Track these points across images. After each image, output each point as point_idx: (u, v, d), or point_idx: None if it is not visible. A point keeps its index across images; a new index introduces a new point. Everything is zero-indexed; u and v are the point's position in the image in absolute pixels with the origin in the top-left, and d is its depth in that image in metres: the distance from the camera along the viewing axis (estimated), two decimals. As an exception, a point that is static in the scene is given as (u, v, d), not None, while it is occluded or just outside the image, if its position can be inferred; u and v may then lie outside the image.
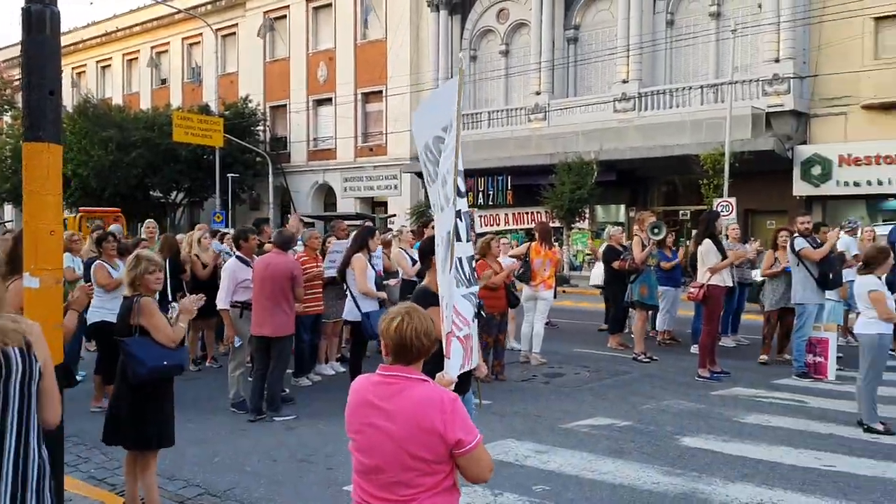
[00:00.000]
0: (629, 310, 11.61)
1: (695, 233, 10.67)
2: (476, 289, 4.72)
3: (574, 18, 27.67)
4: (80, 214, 27.00)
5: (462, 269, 4.43)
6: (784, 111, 22.23)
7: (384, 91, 32.70)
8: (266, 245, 9.44)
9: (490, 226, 28.02)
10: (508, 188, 27.74)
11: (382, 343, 2.74)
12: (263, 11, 36.61)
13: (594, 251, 14.93)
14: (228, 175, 32.07)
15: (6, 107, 40.60)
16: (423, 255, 5.14)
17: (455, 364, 3.75)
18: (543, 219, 22.98)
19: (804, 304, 9.45)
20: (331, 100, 34.84)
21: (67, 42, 43.87)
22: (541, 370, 10.04)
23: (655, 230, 11.18)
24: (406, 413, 2.61)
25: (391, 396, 2.65)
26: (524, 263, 10.50)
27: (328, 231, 11.13)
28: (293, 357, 9.01)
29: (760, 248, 12.15)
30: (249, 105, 35.71)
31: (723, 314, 10.60)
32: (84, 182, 32.94)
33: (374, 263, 9.03)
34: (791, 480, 5.65)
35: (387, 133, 32.60)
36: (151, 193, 35.39)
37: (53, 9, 3.64)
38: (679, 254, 12.05)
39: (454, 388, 3.23)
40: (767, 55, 22.63)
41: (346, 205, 33.60)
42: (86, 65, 46.86)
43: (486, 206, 28.43)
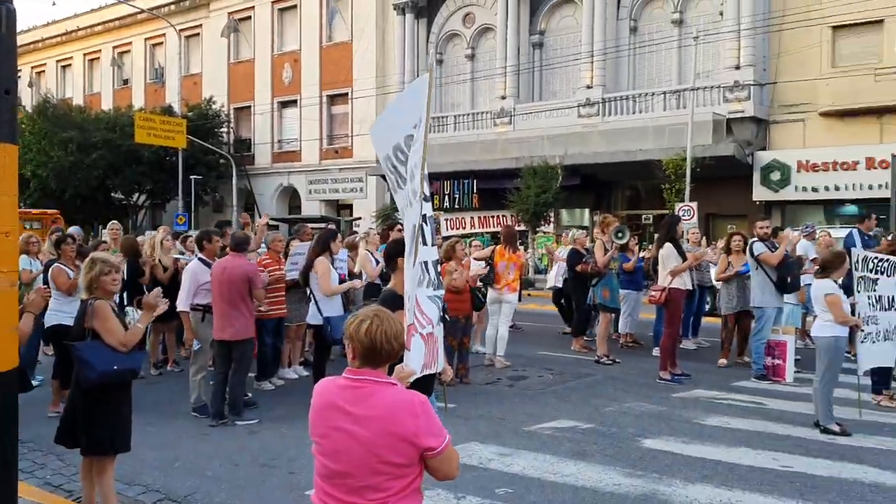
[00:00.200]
0: (592, 313, 11.71)
1: (656, 237, 10.78)
2: (441, 292, 4.73)
3: (539, 24, 27.86)
4: None
5: (428, 273, 4.44)
6: (744, 117, 22.61)
7: (350, 93, 32.63)
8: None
9: (456, 229, 28.08)
10: (474, 192, 27.82)
11: (350, 346, 2.69)
12: (228, 12, 36.31)
13: (551, 253, 15.01)
14: (191, 177, 31.76)
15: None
16: (388, 258, 5.14)
17: (415, 357, 3.73)
18: (509, 222, 23.09)
19: (763, 308, 9.61)
20: (296, 102, 34.67)
21: (26, 41, 43.15)
22: (505, 373, 10.07)
23: (619, 234, 11.28)
24: (377, 417, 2.59)
25: (360, 400, 2.62)
26: (488, 266, 10.55)
27: (292, 234, 11.06)
28: (256, 361, 8.95)
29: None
30: (213, 106, 35.38)
31: (683, 317, 10.73)
32: (43, 183, 32.38)
33: (338, 266, 8.99)
34: (749, 481, 5.74)
35: (352, 135, 32.52)
36: (113, 195, 34.90)
37: (9, 6, 3.57)
38: (638, 254, 12.13)
39: (419, 390, 3.22)
40: (728, 62, 23.00)
41: (311, 207, 33.42)
42: (45, 64, 46.07)
43: (452, 210, 28.47)
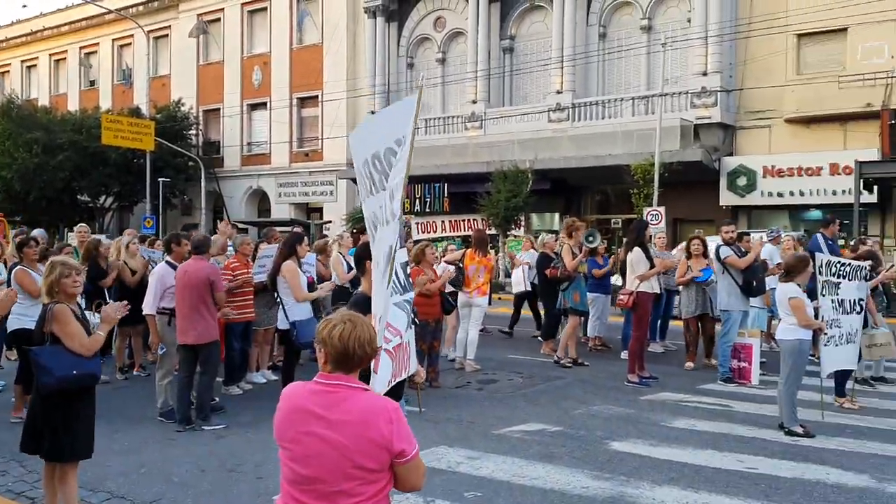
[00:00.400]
0: (562, 317, 11.74)
1: (625, 241, 10.86)
2: (410, 295, 4.72)
3: (510, 29, 27.98)
4: None
5: (397, 276, 4.44)
6: (711, 123, 22.89)
7: (320, 96, 32.49)
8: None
9: (427, 233, 28.06)
10: (445, 195, 27.82)
11: (322, 351, 2.67)
12: (197, 14, 36.01)
13: (512, 257, 15.03)
14: (159, 179, 31.39)
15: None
16: (359, 261, 5.13)
17: (382, 379, 3.73)
18: (480, 226, 23.17)
19: (729, 311, 9.72)
20: (265, 104, 34.47)
21: (-10, 40, 42.47)
22: (475, 377, 10.09)
23: (590, 238, 11.37)
24: (351, 422, 2.57)
25: (333, 405, 2.60)
26: (458, 269, 10.57)
27: (261, 238, 10.99)
28: (224, 365, 8.88)
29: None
30: (182, 108, 35.02)
31: (651, 320, 10.82)
32: (7, 185, 31.85)
33: (305, 270, 8.95)
34: (715, 483, 5.80)
35: (322, 138, 32.38)
36: (79, 197, 34.42)
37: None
38: (609, 261, 12.24)
39: (389, 395, 3.22)
40: (696, 69, 23.28)
41: (281, 210, 33.24)
42: (10, 64, 45.34)
43: (423, 213, 28.46)
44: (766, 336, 10.96)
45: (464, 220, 27.76)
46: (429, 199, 28.22)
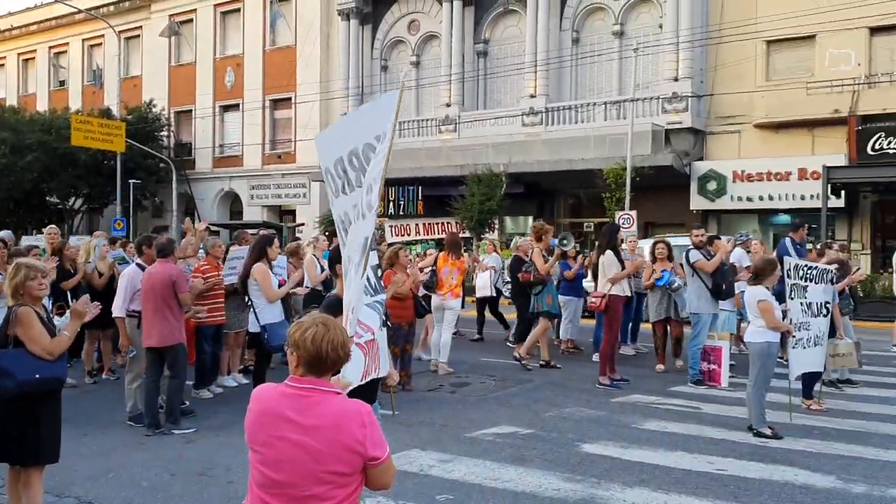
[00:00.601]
0: (534, 320, 11.77)
1: (597, 244, 10.92)
2: (382, 297, 4.74)
3: (483, 32, 28.06)
4: None
5: (368, 278, 4.45)
6: (682, 128, 23.13)
7: (293, 98, 32.34)
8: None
9: (400, 236, 28.03)
10: (419, 198, 27.83)
11: (294, 354, 2.65)
12: (169, 14, 35.68)
13: (477, 260, 15.01)
14: (130, 181, 31.06)
15: None
16: (332, 263, 5.13)
17: (352, 369, 3.73)
18: (453, 229, 23.18)
19: (699, 314, 9.81)
20: (238, 106, 34.21)
21: (-44, 39, 41.77)
22: (448, 380, 10.10)
23: (564, 241, 11.42)
24: (325, 427, 2.56)
25: (306, 410, 2.58)
26: (431, 272, 10.57)
27: (232, 240, 10.92)
28: (194, 369, 8.81)
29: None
30: (153, 110, 34.69)
31: (622, 323, 10.88)
32: (-27, 185, 31.35)
33: (277, 273, 8.90)
34: (685, 484, 5.86)
35: (296, 140, 32.22)
36: (48, 199, 33.94)
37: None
38: (578, 261, 12.24)
39: (362, 397, 3.21)
40: (667, 74, 23.50)
41: (253, 213, 33.02)
42: (-24, 63, 44.64)
43: (397, 216, 28.43)
44: (736, 339, 11.08)
45: (438, 224, 27.77)
46: (403, 202, 28.21)
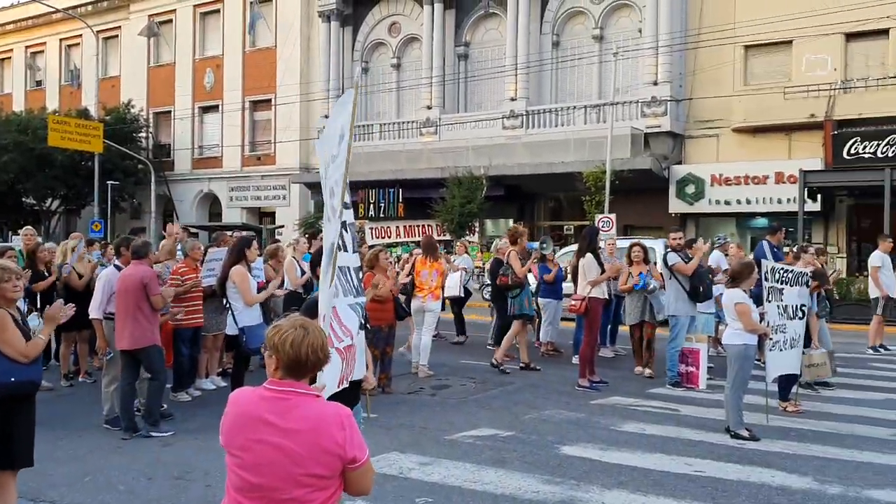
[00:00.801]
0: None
1: (576, 247, 10.95)
2: (363, 300, 4.72)
3: (464, 35, 28.10)
4: None
5: (350, 279, 4.43)
6: (661, 132, 23.29)
7: (273, 100, 32.22)
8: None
9: (381, 238, 28.00)
10: (400, 201, 27.81)
11: (273, 357, 2.63)
12: (148, 14, 35.45)
13: (448, 260, 15.03)
14: (108, 182, 30.80)
15: None
16: (314, 266, 5.11)
17: (329, 374, 3.71)
18: (432, 232, 23.19)
19: (677, 316, 9.87)
20: (217, 107, 34.06)
21: (-69, 37, 41.23)
22: (428, 382, 10.09)
23: (544, 245, 11.45)
24: (305, 430, 2.55)
25: (285, 413, 2.57)
26: (409, 276, 10.59)
27: (211, 242, 10.84)
28: (172, 371, 8.74)
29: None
30: (132, 110, 34.43)
31: (601, 325, 10.90)
32: (-52, 186, 31.00)
33: (255, 275, 8.85)
34: (664, 486, 5.89)
35: (275, 142, 32.10)
36: (24, 200, 33.62)
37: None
38: (558, 267, 12.28)
39: (345, 401, 3.20)
40: (646, 78, 23.67)
41: (233, 215, 32.86)
42: (-49, 62, 44.10)
43: (377, 219, 28.41)
44: (714, 341, 11.14)
45: (418, 226, 27.76)
46: (383, 205, 28.18)
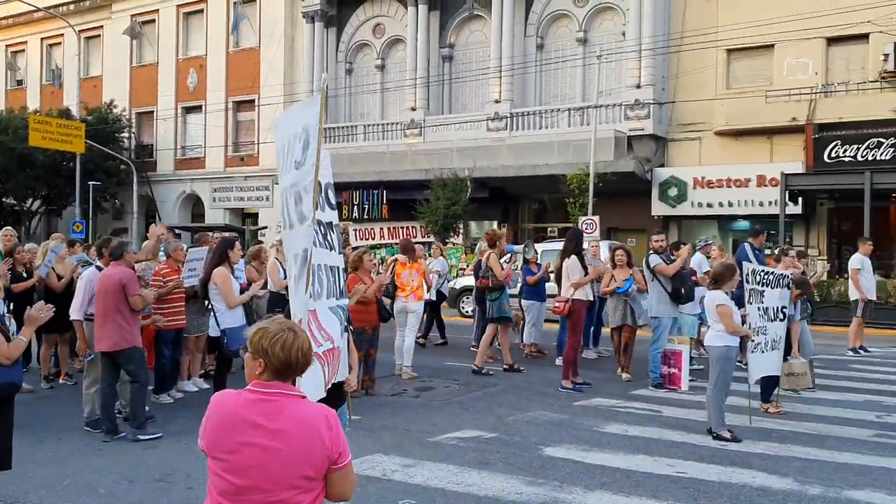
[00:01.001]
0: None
1: (561, 249, 10.98)
2: (345, 302, 4.71)
3: (449, 37, 28.11)
4: None
5: (337, 280, 4.41)
6: (644, 135, 23.40)
7: (257, 100, 32.09)
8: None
9: (365, 239, 27.97)
10: (384, 202, 27.77)
11: (259, 360, 2.61)
12: (131, 14, 35.21)
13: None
14: (90, 183, 30.54)
15: None
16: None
17: (308, 381, 3.68)
18: (416, 234, 23.21)
19: (659, 318, 9.92)
20: (200, 107, 33.84)
21: None
22: (411, 384, 10.09)
23: (526, 248, 11.49)
24: (294, 431, 2.55)
25: (273, 414, 2.56)
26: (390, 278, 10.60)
27: (194, 242, 10.77)
28: (154, 373, 8.69)
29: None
30: (114, 110, 34.17)
31: (585, 327, 10.94)
32: (-73, 187, 30.64)
33: (237, 276, 8.82)
34: (646, 487, 5.91)
35: (259, 143, 31.96)
36: (4, 200, 33.30)
37: None
38: (542, 267, 12.30)
39: (329, 402, 3.20)
40: (630, 81, 23.77)
41: (215, 215, 32.68)
42: (-70, 61, 43.57)
43: (361, 220, 28.36)
44: (696, 343, 11.21)
45: (402, 228, 27.73)
46: (367, 206, 28.14)
